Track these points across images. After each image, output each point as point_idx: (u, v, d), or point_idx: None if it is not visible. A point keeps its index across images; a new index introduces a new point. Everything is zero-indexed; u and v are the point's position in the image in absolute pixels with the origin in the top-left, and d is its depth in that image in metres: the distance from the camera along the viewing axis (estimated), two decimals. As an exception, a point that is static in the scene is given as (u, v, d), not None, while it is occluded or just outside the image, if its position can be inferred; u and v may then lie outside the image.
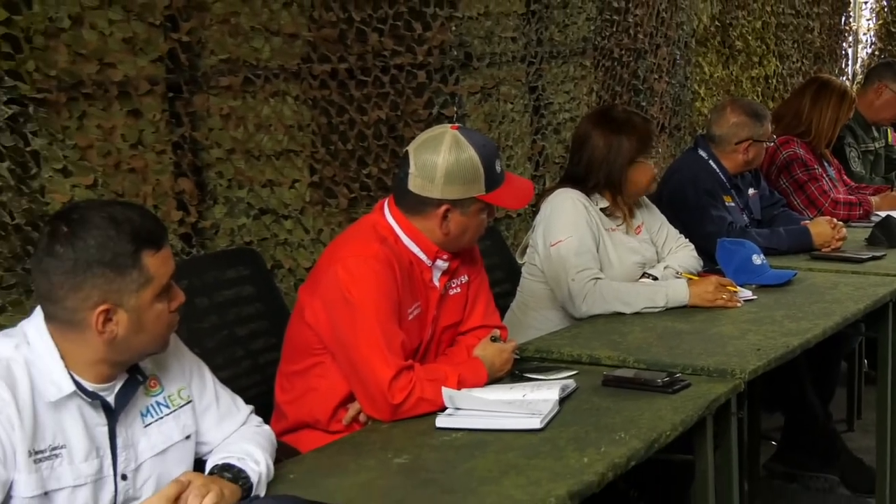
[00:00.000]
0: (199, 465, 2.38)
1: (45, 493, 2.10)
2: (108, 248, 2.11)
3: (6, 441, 2.05)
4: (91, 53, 3.35)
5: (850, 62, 8.77)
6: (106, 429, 2.21)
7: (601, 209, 3.76)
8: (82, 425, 2.17)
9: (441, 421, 2.66)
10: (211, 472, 2.25)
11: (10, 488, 2.06)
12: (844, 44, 8.69)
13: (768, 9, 7.49)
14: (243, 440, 2.39)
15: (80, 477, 2.15)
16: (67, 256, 2.10)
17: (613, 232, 3.78)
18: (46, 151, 3.27)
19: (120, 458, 2.22)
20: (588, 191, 3.75)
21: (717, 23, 6.93)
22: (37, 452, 2.09)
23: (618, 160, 3.74)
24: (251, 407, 2.53)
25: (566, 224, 3.66)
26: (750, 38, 7.30)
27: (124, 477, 2.23)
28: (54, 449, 2.12)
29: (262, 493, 2.27)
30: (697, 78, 6.77)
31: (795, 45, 7.89)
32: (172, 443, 2.32)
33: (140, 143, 3.54)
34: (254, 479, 2.25)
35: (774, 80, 7.61)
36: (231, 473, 2.24)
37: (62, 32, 3.28)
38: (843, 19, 8.62)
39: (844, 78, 8.37)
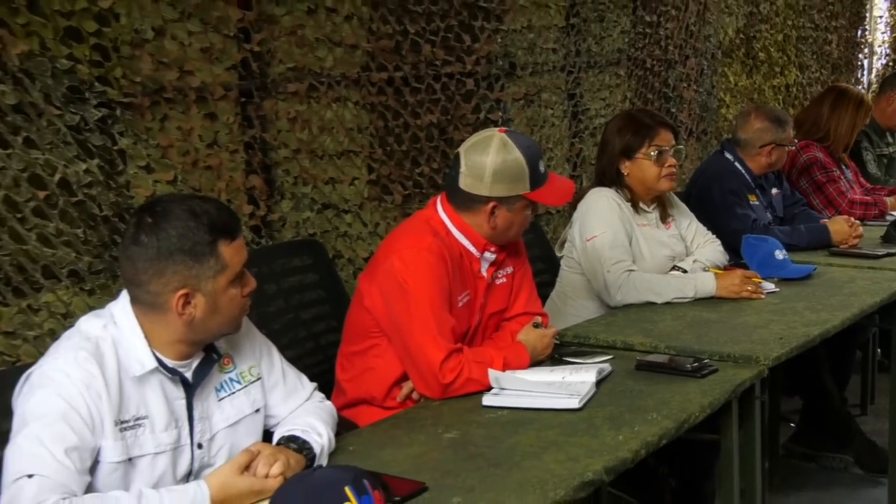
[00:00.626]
0: (267, 436, 2.39)
1: (130, 459, 2.12)
2: (187, 237, 2.12)
3: (94, 411, 2.07)
4: (172, 62, 3.37)
5: (865, 72, 8.63)
6: (184, 402, 2.23)
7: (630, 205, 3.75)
8: (163, 398, 2.19)
9: (487, 400, 2.67)
10: (278, 443, 2.26)
11: (98, 454, 2.08)
12: (860, 55, 8.55)
13: (789, 23, 7.40)
14: (307, 414, 2.40)
15: (160, 445, 2.17)
16: (151, 245, 2.12)
17: (644, 227, 3.76)
18: (132, 150, 3.29)
19: (196, 429, 2.24)
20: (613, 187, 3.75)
21: (741, 35, 6.86)
22: (122, 422, 2.11)
23: (611, 153, 3.74)
24: (315, 384, 2.53)
25: (600, 220, 3.64)
26: (772, 49, 7.22)
27: (200, 446, 2.25)
28: (138, 419, 2.14)
29: (324, 463, 2.28)
30: (723, 86, 6.70)
31: (814, 57, 7.78)
32: (243, 415, 2.34)
33: (215, 144, 3.55)
34: (317, 449, 2.26)
35: (795, 89, 7.52)
36: (296, 444, 2.25)
37: (146, 43, 3.30)
38: (860, 32, 8.49)
39: (860, 87, 8.26)
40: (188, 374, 2.23)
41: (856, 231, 4.46)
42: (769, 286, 3.70)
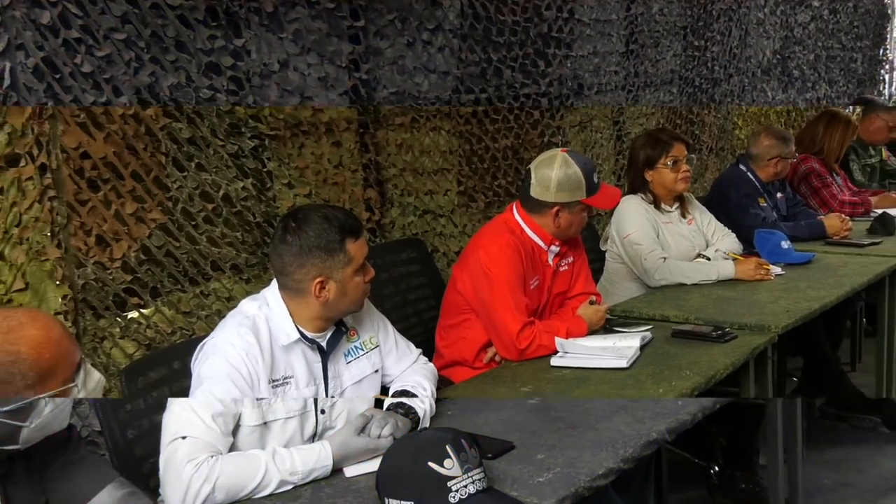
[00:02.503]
0: (383, 390, 2.37)
1: (265, 423, 2.09)
2: (322, 237, 2.12)
3: (252, 372, 2.08)
4: (294, 89, 3.26)
5: (887, 86, 8.10)
6: (320, 364, 2.23)
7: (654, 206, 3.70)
8: (304, 362, 2.19)
9: (554, 361, 2.64)
10: (388, 408, 2.21)
11: (239, 419, 2.05)
12: (882, 71, 8.02)
13: (820, 44, 6.91)
14: (415, 374, 2.39)
15: (290, 411, 2.13)
16: (295, 243, 2.12)
17: (668, 224, 3.70)
18: (277, 171, 3.30)
19: (330, 385, 2.23)
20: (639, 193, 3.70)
21: (778, 56, 6.42)
22: (274, 381, 2.12)
23: (637, 165, 3.71)
24: (420, 350, 2.52)
25: (631, 221, 3.60)
26: (805, 67, 6.74)
27: (323, 411, 2.20)
28: (286, 378, 2.15)
29: (427, 426, 2.22)
30: (737, 112, 6.49)
31: (842, 73, 7.19)
32: (365, 375, 2.33)
33: (340, 165, 3.55)
34: (420, 414, 2.22)
35: (825, 101, 7.14)
36: (403, 409, 2.20)
37: (273, 74, 3.24)
38: (881, 51, 7.92)
39: (882, 99, 7.67)
40: (323, 343, 2.23)
41: (846, 225, 4.36)
42: (777, 270, 3.61)
